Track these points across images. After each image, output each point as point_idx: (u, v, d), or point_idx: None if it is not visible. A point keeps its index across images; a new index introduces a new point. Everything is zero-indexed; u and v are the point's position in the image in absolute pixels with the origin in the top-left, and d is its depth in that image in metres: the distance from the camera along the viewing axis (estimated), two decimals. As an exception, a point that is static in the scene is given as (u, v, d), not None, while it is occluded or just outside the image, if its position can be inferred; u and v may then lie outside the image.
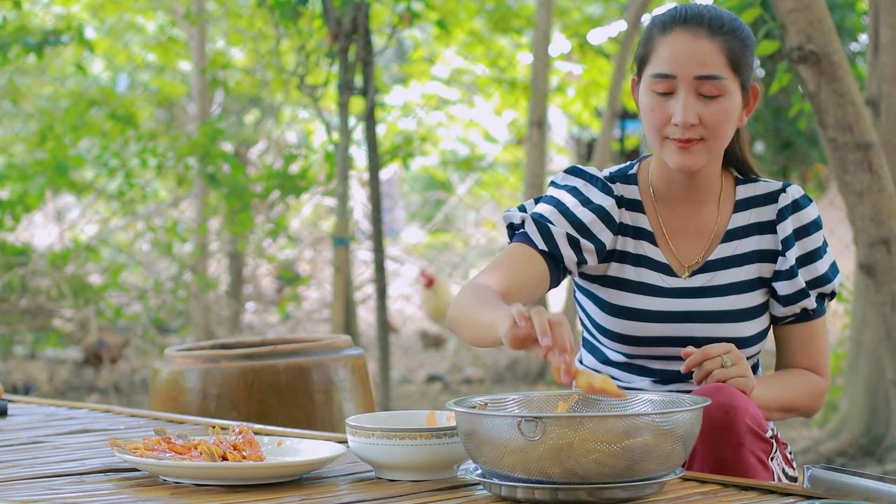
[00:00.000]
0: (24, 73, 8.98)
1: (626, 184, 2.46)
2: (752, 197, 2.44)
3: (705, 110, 2.32)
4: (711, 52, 2.31)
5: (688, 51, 2.32)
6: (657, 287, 2.40)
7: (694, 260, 2.42)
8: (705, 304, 2.38)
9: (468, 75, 10.74)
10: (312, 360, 3.16)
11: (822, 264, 2.41)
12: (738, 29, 2.35)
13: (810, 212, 2.42)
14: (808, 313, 2.42)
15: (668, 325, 2.38)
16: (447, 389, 8.36)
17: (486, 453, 1.90)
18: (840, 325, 6.43)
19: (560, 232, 2.38)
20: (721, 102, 2.32)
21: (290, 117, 10.06)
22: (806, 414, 2.44)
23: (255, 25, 7.62)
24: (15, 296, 7.64)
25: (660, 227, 2.43)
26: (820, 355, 2.45)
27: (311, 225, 10.60)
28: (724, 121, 2.33)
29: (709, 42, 2.32)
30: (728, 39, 2.32)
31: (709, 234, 2.42)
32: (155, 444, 2.16)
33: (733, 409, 2.14)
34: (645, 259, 2.42)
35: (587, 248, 2.39)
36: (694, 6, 2.36)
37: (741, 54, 2.33)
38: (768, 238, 2.41)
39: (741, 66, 2.34)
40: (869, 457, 5.49)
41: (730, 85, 2.32)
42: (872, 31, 4.51)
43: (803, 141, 7.01)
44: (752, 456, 2.16)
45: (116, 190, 7.93)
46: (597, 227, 2.40)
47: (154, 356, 8.02)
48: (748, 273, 2.41)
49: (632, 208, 2.44)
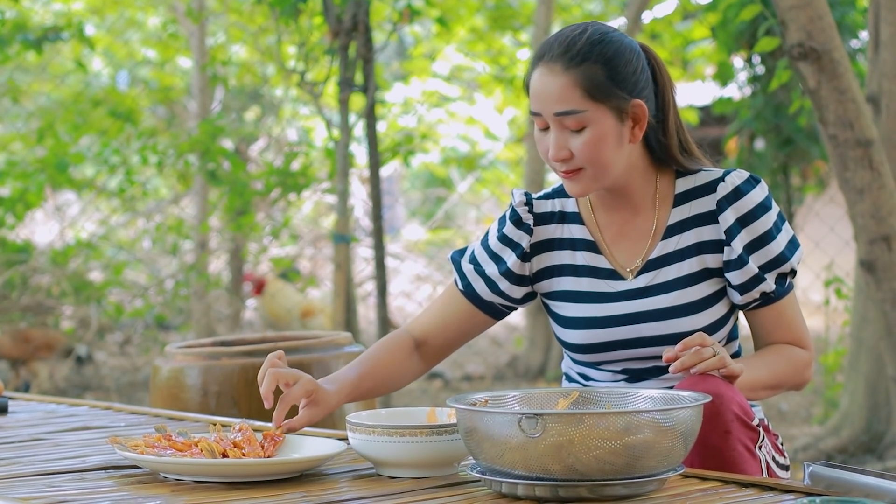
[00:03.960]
0: (24, 71, 8.99)
1: (565, 197, 2.50)
2: (691, 189, 2.43)
3: (574, 143, 2.32)
4: (565, 87, 2.30)
5: (545, 88, 2.32)
6: (603, 293, 2.42)
7: (636, 262, 2.43)
8: (650, 304, 2.39)
9: (469, 72, 10.74)
10: (313, 356, 3.16)
11: (775, 245, 2.38)
12: (597, 53, 2.31)
13: (754, 195, 2.39)
14: (769, 296, 2.40)
15: (618, 328, 2.40)
16: (448, 386, 8.36)
17: (486, 450, 1.90)
18: (841, 322, 6.42)
19: (469, 269, 2.51)
20: (587, 134, 2.31)
21: (291, 114, 10.06)
22: (794, 387, 2.43)
23: (256, 22, 7.62)
24: (16, 293, 7.63)
25: (599, 236, 2.45)
26: (796, 330, 2.43)
27: (311, 222, 10.60)
28: (596, 150, 2.32)
29: (562, 77, 2.30)
30: (583, 70, 2.30)
31: (648, 234, 2.43)
32: (155, 441, 2.16)
33: (719, 398, 2.14)
34: (586, 268, 2.45)
35: (494, 275, 2.49)
36: (557, 37, 2.35)
37: (602, 81, 2.30)
38: (709, 229, 2.40)
39: (604, 94, 2.30)
40: (869, 454, 5.49)
41: (592, 115, 2.30)
42: (873, 27, 4.50)
43: (804, 138, 6.99)
44: (740, 444, 2.17)
45: (117, 187, 7.93)
46: (505, 253, 2.49)
47: (155, 353, 8.02)
48: (691, 266, 2.40)
49: (569, 221, 2.48)
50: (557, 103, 2.31)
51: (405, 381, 2.50)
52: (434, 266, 11.47)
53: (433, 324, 2.52)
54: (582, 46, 2.31)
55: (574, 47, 2.31)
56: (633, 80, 2.34)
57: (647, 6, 8.00)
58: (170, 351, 3.23)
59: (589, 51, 2.31)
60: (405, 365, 2.49)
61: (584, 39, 2.32)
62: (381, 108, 8.45)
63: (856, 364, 5.61)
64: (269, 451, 2.15)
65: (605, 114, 2.32)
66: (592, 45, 2.32)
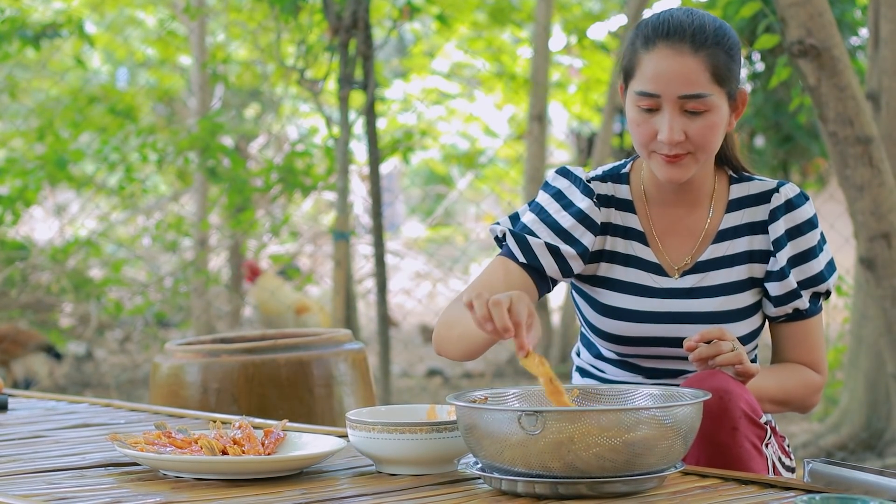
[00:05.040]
0: (24, 68, 8.98)
1: (618, 183, 2.45)
2: (745, 196, 2.42)
3: (691, 126, 2.29)
4: (695, 69, 2.27)
5: (670, 69, 2.28)
6: (647, 287, 2.40)
7: (684, 260, 2.41)
8: (695, 305, 2.38)
9: (469, 69, 10.74)
10: (313, 354, 3.16)
11: (816, 263, 2.39)
12: (723, 39, 2.30)
13: (805, 211, 2.39)
14: (801, 313, 2.41)
15: (657, 325, 2.38)
16: (447, 384, 8.36)
17: (486, 447, 1.90)
18: (840, 319, 6.43)
19: (539, 243, 2.39)
20: (707, 117, 2.30)
21: (291, 111, 10.06)
22: (800, 409, 2.42)
23: (255, 19, 7.62)
24: (15, 290, 7.63)
25: (650, 228, 2.43)
26: (815, 352, 2.43)
27: (311, 219, 10.60)
28: (712, 135, 2.31)
29: (692, 59, 2.27)
30: (712, 54, 2.28)
31: (700, 234, 2.42)
32: (155, 438, 2.16)
33: (728, 394, 2.14)
34: (635, 259, 2.42)
35: (568, 254, 2.39)
36: (677, 17, 2.31)
37: (726, 66, 2.29)
38: (760, 238, 2.40)
39: (726, 79, 2.30)
40: (869, 451, 5.49)
41: (715, 100, 2.29)
42: (873, 25, 4.50)
43: (804, 135, 7.00)
44: (747, 441, 2.17)
45: (117, 184, 7.93)
46: (578, 231, 2.40)
47: (155, 350, 8.02)
48: (739, 274, 2.39)
49: (622, 208, 2.44)
50: (685, 85, 2.27)
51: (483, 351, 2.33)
52: (434, 263, 11.47)
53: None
54: (710, 30, 2.29)
55: (703, 30, 2.28)
56: (741, 69, 2.35)
57: (647, 4, 8.00)
58: (169, 348, 3.23)
59: (716, 35, 2.29)
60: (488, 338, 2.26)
61: (710, 23, 2.30)
62: (381, 105, 8.45)
63: (856, 361, 5.62)
64: (268, 448, 2.15)
65: (723, 99, 2.31)
66: (717, 29, 2.30)
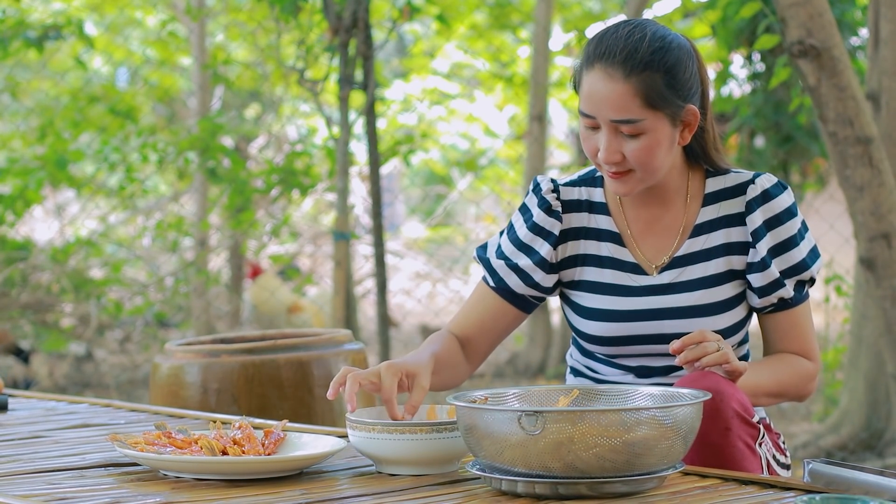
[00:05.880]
0: (24, 69, 8.98)
1: (592, 186, 2.47)
2: (721, 190, 2.42)
3: (627, 147, 2.29)
4: (625, 95, 2.26)
5: (601, 93, 2.27)
6: (625, 287, 2.41)
7: (663, 258, 2.42)
8: (674, 301, 2.38)
9: (469, 69, 10.74)
10: (313, 354, 3.16)
11: (797, 252, 2.39)
12: (658, 61, 2.26)
13: (782, 200, 2.39)
14: (786, 302, 2.41)
15: (638, 323, 2.39)
16: (447, 384, 8.34)
17: (486, 447, 1.90)
18: (840, 320, 6.42)
19: (500, 264, 2.47)
20: (643, 140, 2.29)
21: (291, 111, 10.06)
22: (797, 398, 2.42)
23: (255, 20, 7.61)
24: (15, 290, 7.63)
25: (626, 228, 2.44)
26: (806, 340, 2.43)
27: (311, 220, 10.60)
28: (648, 156, 2.30)
29: (622, 85, 2.25)
30: (644, 79, 2.25)
31: (676, 230, 2.42)
32: (155, 438, 2.16)
33: (720, 395, 2.14)
34: (610, 260, 2.43)
35: (527, 266, 2.45)
36: (614, 37, 2.28)
37: (662, 89, 2.27)
38: (738, 230, 2.40)
39: (663, 102, 2.27)
40: (869, 451, 5.49)
41: (649, 123, 2.28)
42: (873, 25, 4.50)
43: (803, 135, 6.99)
44: (740, 441, 2.17)
45: (117, 184, 7.92)
46: (537, 243, 2.45)
47: (155, 351, 8.02)
48: (717, 267, 2.40)
49: (596, 211, 2.46)
50: (615, 111, 2.27)
51: (459, 381, 2.47)
52: (434, 263, 11.47)
53: (471, 324, 2.49)
54: (644, 53, 2.26)
55: (636, 54, 2.26)
56: (688, 86, 2.31)
57: (647, 4, 7.99)
58: (169, 348, 3.23)
59: (651, 58, 2.26)
60: (462, 365, 2.47)
61: (646, 45, 2.26)
62: (381, 105, 8.44)
63: (856, 361, 5.61)
64: (269, 448, 2.15)
65: (662, 121, 2.29)
66: (654, 52, 2.27)
